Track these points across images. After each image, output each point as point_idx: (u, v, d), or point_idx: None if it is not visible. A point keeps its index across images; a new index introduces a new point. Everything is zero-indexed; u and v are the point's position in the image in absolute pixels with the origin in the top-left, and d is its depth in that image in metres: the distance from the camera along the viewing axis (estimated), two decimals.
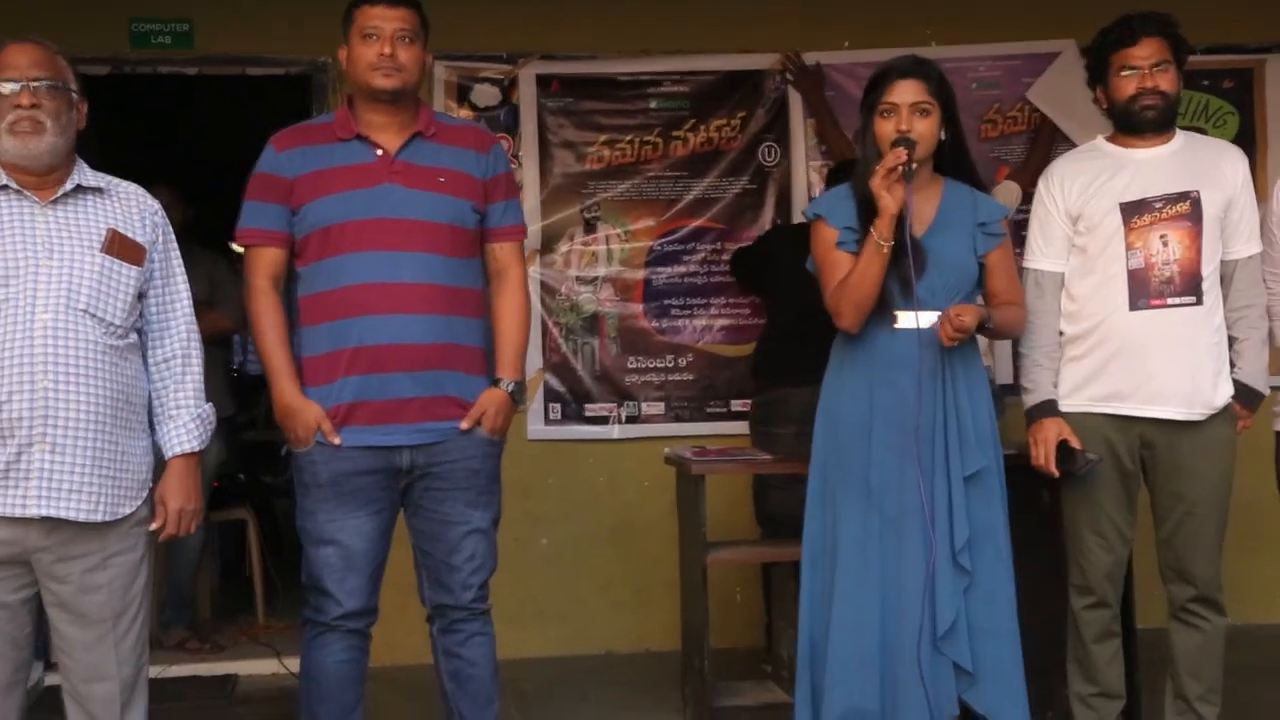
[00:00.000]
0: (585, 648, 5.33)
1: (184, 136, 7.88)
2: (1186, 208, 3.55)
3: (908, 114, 3.36)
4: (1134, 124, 3.61)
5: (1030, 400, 3.66)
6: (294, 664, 5.06)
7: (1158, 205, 3.56)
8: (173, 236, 3.11)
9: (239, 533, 6.26)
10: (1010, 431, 3.61)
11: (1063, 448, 3.58)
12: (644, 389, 5.35)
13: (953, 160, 3.47)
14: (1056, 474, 3.59)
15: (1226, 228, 3.60)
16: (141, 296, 3.02)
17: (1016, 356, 3.81)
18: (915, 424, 3.35)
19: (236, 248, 6.90)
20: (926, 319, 3.39)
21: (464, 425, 3.38)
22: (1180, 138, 3.67)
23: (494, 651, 3.54)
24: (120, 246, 2.96)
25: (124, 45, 5.18)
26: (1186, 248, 3.54)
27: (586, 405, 5.34)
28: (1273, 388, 5.47)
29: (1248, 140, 5.45)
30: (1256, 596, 5.24)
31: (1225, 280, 3.62)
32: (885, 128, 3.38)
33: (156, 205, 3.10)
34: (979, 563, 3.38)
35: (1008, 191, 4.87)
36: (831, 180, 4.99)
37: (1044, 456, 3.60)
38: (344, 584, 3.33)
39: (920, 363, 3.37)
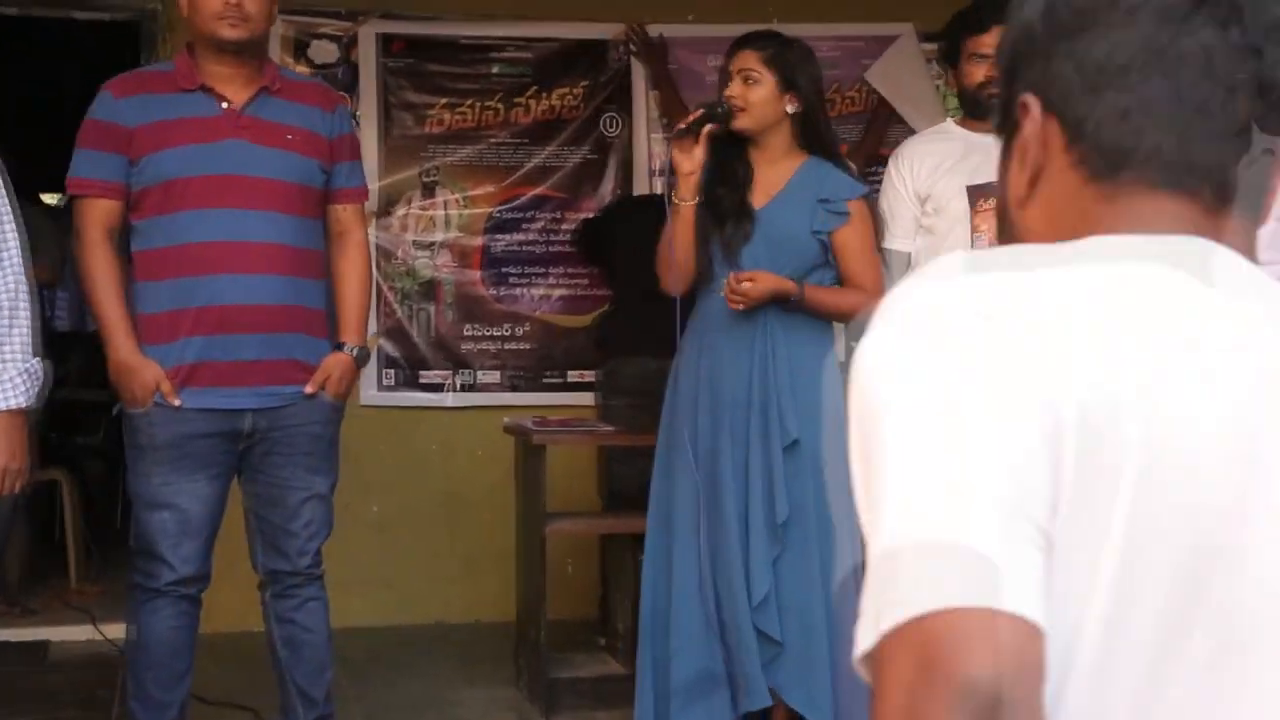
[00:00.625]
0: (415, 617, 5.28)
1: None
2: None
3: (736, 80, 3.41)
4: (980, 110, 3.67)
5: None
6: (110, 630, 4.94)
7: None
8: (4, 187, 2.95)
9: (49, 495, 6.05)
10: None
11: None
12: (480, 357, 5.31)
13: (803, 134, 3.46)
14: None
15: None
16: None
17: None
18: (728, 392, 3.38)
19: (47, 199, 6.65)
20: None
21: (309, 389, 3.32)
22: None
23: (328, 617, 3.50)
24: None
25: None
26: None
27: (421, 372, 5.28)
28: None
29: None
30: None
31: None
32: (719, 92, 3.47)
33: None
34: (789, 539, 3.37)
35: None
36: (607, 219, 5.02)
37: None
38: (179, 549, 3.24)
39: (739, 330, 3.38)
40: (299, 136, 3.31)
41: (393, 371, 5.28)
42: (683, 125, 3.39)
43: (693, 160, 3.37)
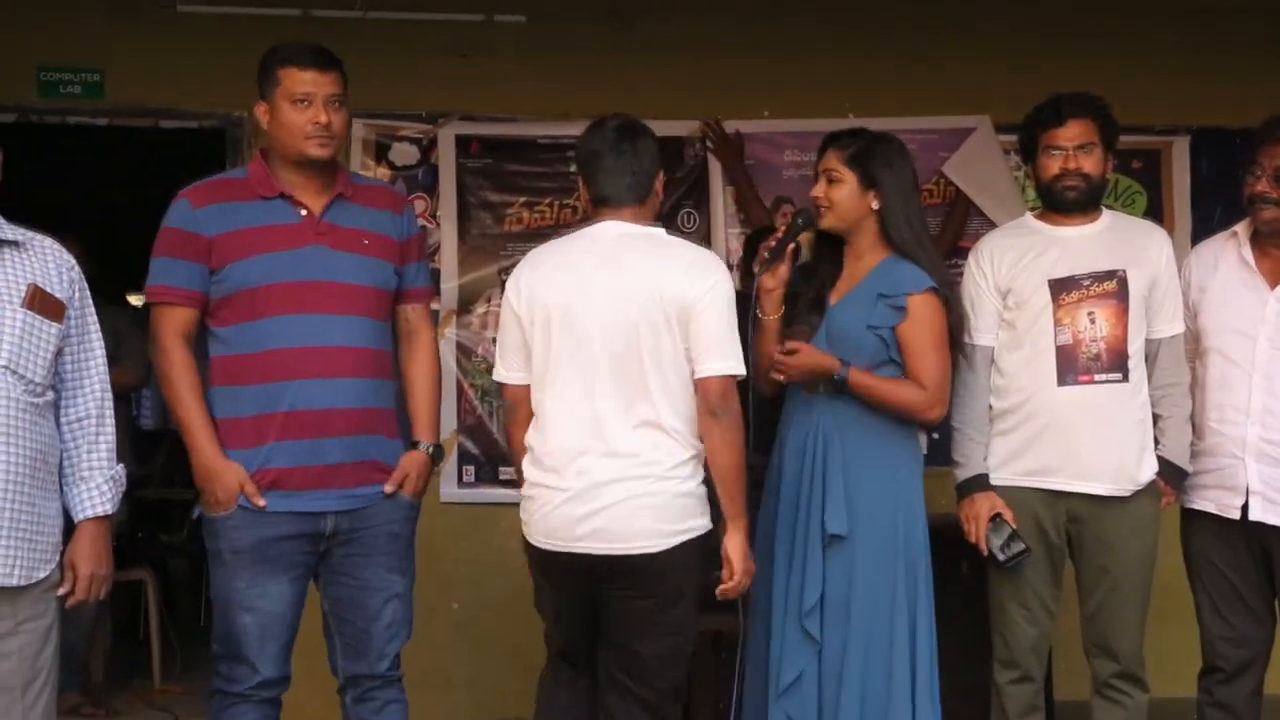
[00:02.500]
0: (492, 716, 5.24)
1: (80, 186, 7.74)
2: (1114, 286, 3.60)
3: (822, 180, 3.52)
4: (1056, 203, 3.68)
5: (961, 474, 3.68)
6: None
7: (1086, 283, 3.61)
8: (88, 292, 3.03)
9: (133, 593, 6.09)
10: (933, 501, 3.62)
11: (995, 521, 3.59)
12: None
13: (884, 231, 3.49)
14: (986, 552, 3.59)
15: (1151, 307, 3.65)
16: (56, 354, 2.92)
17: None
18: (785, 487, 3.48)
19: (134, 300, 6.73)
20: (809, 385, 3.47)
21: (388, 489, 3.35)
22: (1107, 217, 3.74)
23: (406, 718, 3.50)
24: (41, 302, 2.87)
25: (31, 94, 5.08)
26: (1113, 325, 3.58)
27: (501, 468, 5.26)
28: None
29: (1155, 219, 5.52)
30: (1165, 669, 5.25)
31: (1150, 359, 3.66)
32: (812, 192, 3.58)
33: (72, 260, 3.01)
34: (827, 634, 3.38)
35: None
36: (748, 245, 5.02)
37: (975, 534, 3.61)
38: (263, 652, 3.25)
39: (801, 427, 3.47)
40: (374, 241, 3.37)
41: (472, 468, 5.28)
42: (769, 249, 3.47)
43: (775, 278, 3.46)
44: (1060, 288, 3.62)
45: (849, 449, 3.42)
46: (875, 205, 3.48)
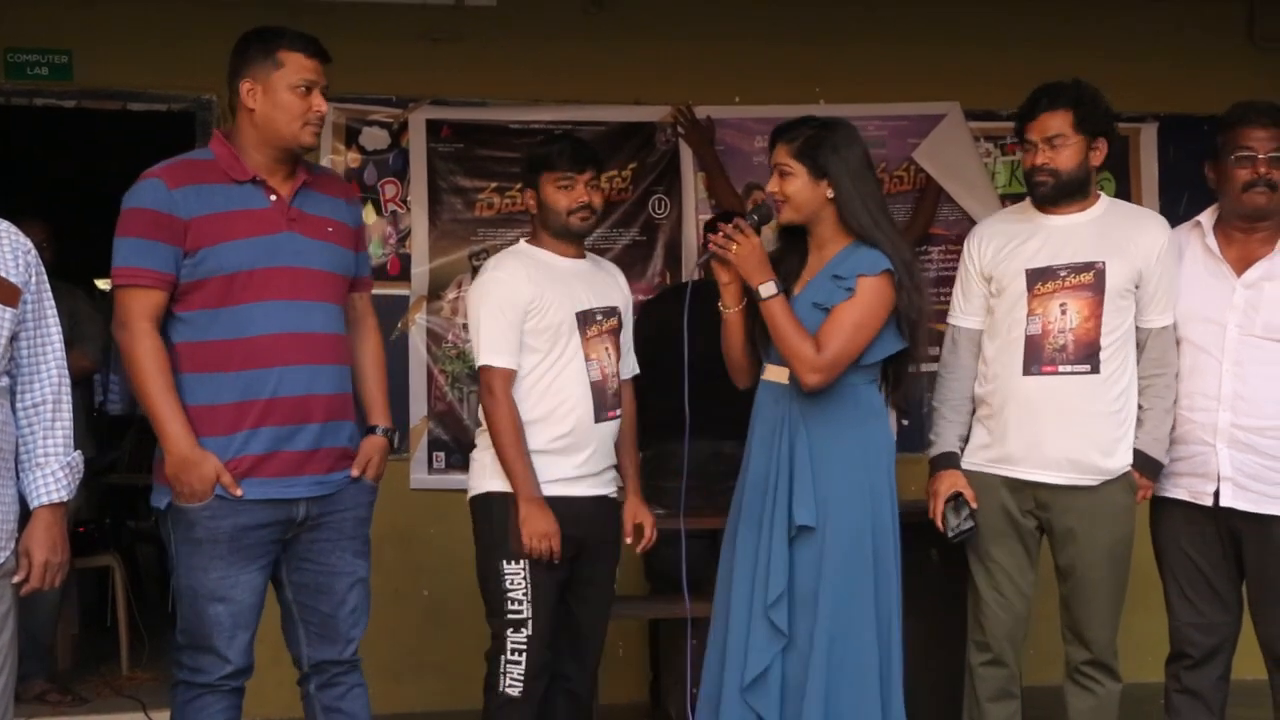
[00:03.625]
0: (465, 702, 5.18)
1: (47, 167, 7.69)
2: (1090, 278, 3.59)
3: (775, 175, 3.47)
4: (1032, 197, 3.70)
5: (932, 451, 3.72)
6: (161, 717, 4.92)
7: (1062, 273, 3.61)
8: (45, 276, 2.96)
9: (100, 580, 6.06)
10: (903, 487, 3.62)
11: (957, 499, 3.62)
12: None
13: (842, 218, 3.44)
14: (941, 529, 3.62)
15: (1141, 298, 3.63)
16: (12, 339, 2.87)
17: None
18: (750, 475, 3.45)
19: (101, 284, 6.67)
20: (778, 374, 3.45)
21: (354, 473, 3.35)
22: (1102, 205, 3.72)
23: (368, 702, 3.49)
24: None
25: None
26: (1085, 317, 3.59)
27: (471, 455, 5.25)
28: None
29: None
30: (1131, 655, 5.29)
31: (1140, 348, 3.66)
32: (767, 186, 3.53)
33: (29, 244, 2.94)
34: (796, 625, 3.36)
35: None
36: (708, 231, 5.00)
37: (934, 510, 3.65)
38: (234, 642, 3.22)
39: (769, 416, 3.46)
40: (337, 229, 3.37)
41: (442, 454, 5.28)
42: (713, 247, 3.43)
43: (729, 272, 3.43)
44: (1037, 277, 3.63)
45: (816, 439, 3.40)
46: (829, 194, 3.42)
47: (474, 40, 5.28)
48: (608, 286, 3.82)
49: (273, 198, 3.27)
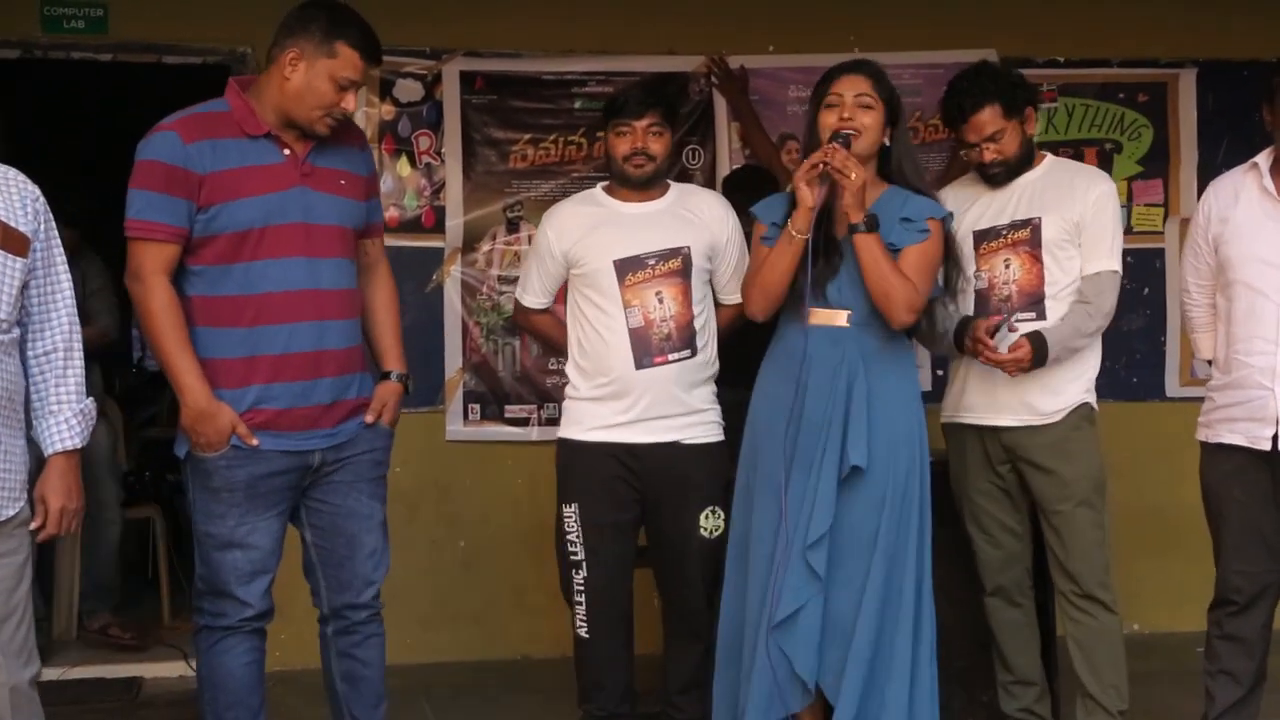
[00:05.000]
0: (500, 652, 5.29)
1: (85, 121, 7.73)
2: (1027, 233, 3.79)
3: (852, 104, 3.44)
4: (988, 180, 3.88)
5: (953, 328, 3.82)
6: None
7: (1004, 232, 3.82)
8: (54, 224, 2.95)
9: (140, 531, 6.12)
10: (933, 439, 3.66)
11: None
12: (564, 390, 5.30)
13: (897, 166, 3.52)
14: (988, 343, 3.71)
15: (1081, 247, 3.80)
16: (23, 289, 2.87)
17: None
18: (806, 420, 3.41)
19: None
20: (836, 317, 3.46)
21: (369, 419, 3.40)
22: (1046, 164, 3.92)
23: (384, 652, 3.53)
24: (4, 237, 2.80)
25: (35, 29, 5.03)
26: (1027, 270, 3.79)
27: (506, 406, 5.29)
28: (1191, 399, 5.60)
29: (1161, 153, 5.56)
30: (1168, 603, 5.33)
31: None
32: (829, 118, 3.47)
33: (37, 191, 2.93)
34: (849, 565, 3.37)
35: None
36: (728, 187, 4.98)
37: (974, 342, 3.73)
38: (252, 586, 3.27)
39: (824, 360, 3.43)
40: (349, 181, 3.37)
41: (478, 406, 5.29)
42: (819, 162, 3.36)
43: (815, 195, 3.38)
44: (982, 238, 3.85)
45: (876, 380, 3.43)
46: (887, 140, 3.50)
47: None
48: (678, 226, 3.79)
49: (286, 152, 3.28)
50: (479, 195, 5.29)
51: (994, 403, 3.82)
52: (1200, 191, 5.32)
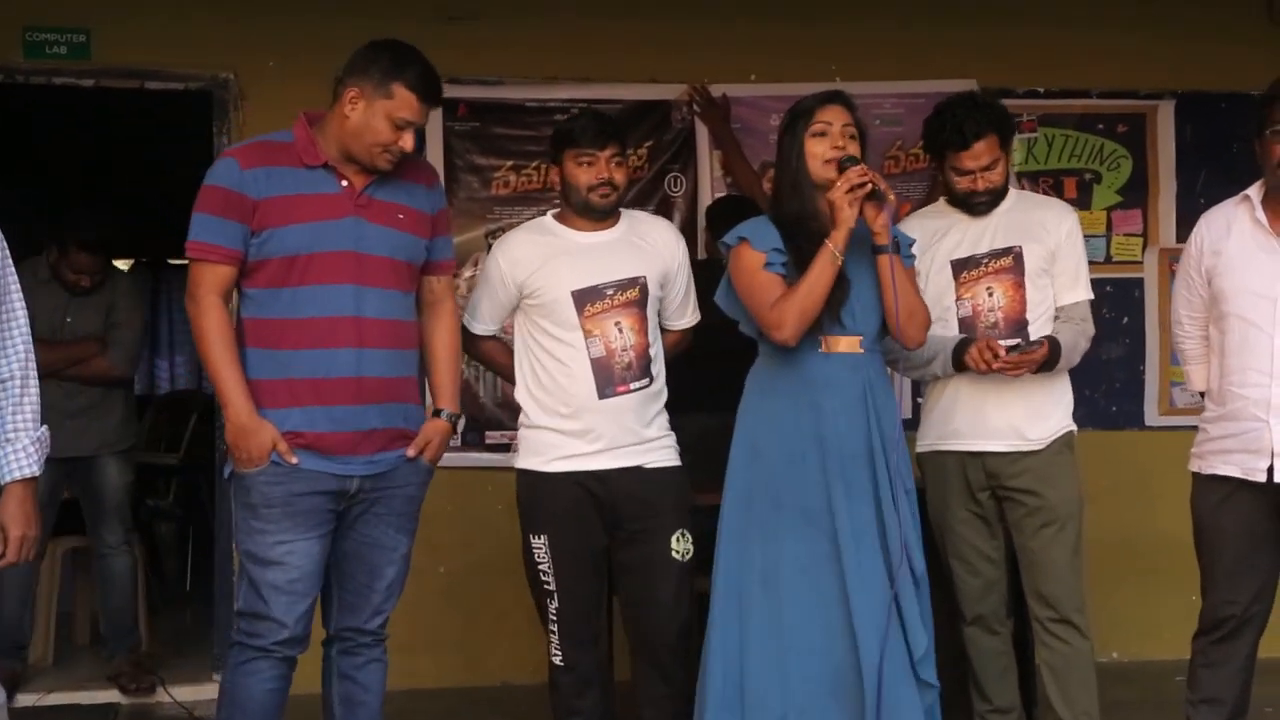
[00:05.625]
0: (481, 679, 5.29)
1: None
2: (1010, 261, 3.86)
3: (840, 133, 3.47)
4: (967, 209, 3.91)
5: (949, 347, 3.83)
6: (179, 692, 4.99)
7: (984, 260, 3.87)
8: (7, 251, 2.94)
9: None
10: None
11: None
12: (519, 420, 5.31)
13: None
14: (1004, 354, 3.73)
15: (1055, 278, 3.89)
16: None
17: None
18: (843, 447, 3.41)
19: (120, 264, 6.66)
20: (852, 343, 3.47)
21: (410, 453, 3.44)
22: (1011, 197, 3.96)
23: (385, 680, 3.56)
24: None
25: (17, 55, 5.06)
26: (1010, 297, 3.86)
27: (488, 433, 5.32)
28: (1170, 428, 5.64)
29: (1140, 184, 5.62)
30: (1147, 632, 5.36)
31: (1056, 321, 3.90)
32: (818, 147, 3.46)
33: None
34: (921, 581, 3.45)
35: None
36: (711, 216, 5.05)
37: (985, 349, 3.73)
38: (291, 608, 3.31)
39: (847, 386, 3.45)
40: (409, 216, 3.43)
41: (459, 433, 5.30)
42: (862, 181, 3.35)
43: (852, 212, 3.38)
44: (961, 266, 3.88)
45: (884, 404, 3.48)
46: None
47: (490, 19, 5.29)
48: (633, 256, 3.78)
49: (344, 183, 3.36)
50: (461, 221, 5.30)
51: (982, 427, 3.84)
52: (1179, 222, 5.50)
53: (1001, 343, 3.75)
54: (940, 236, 3.90)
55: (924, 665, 3.38)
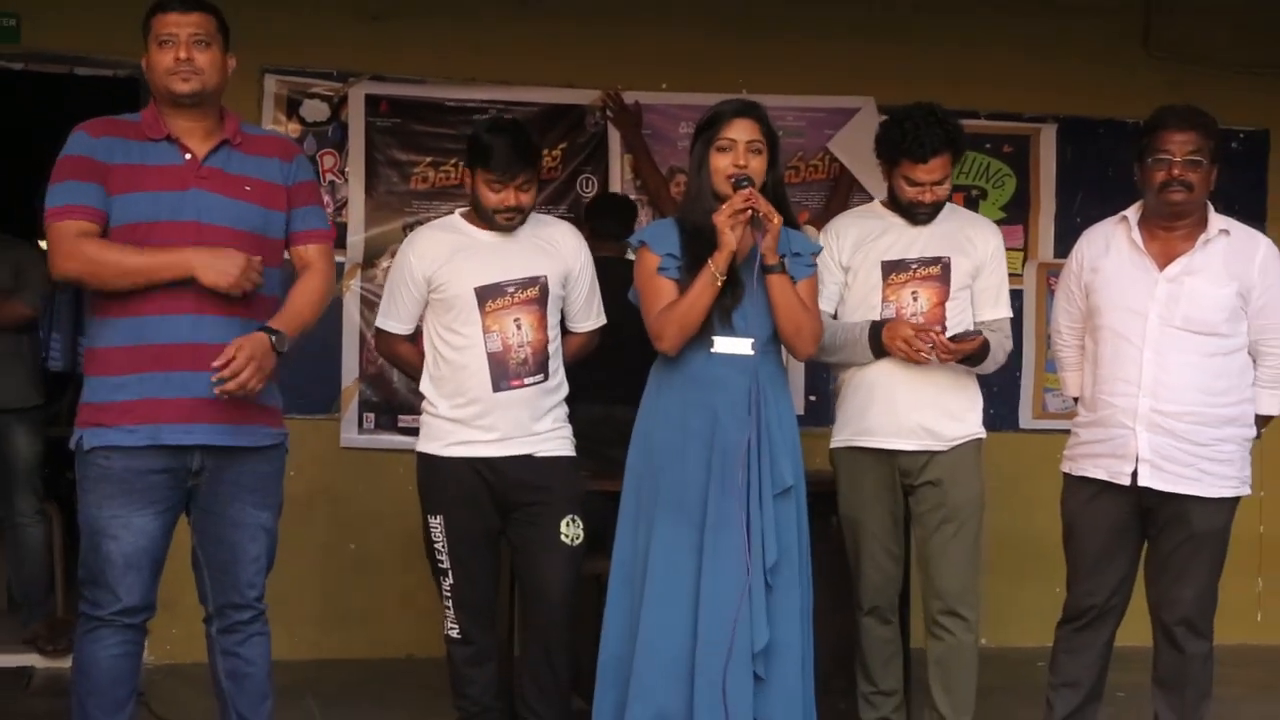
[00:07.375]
0: (386, 651, 5.42)
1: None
2: (938, 270, 3.97)
3: (744, 151, 3.54)
4: (910, 217, 4.02)
5: (858, 332, 3.95)
6: None
7: (914, 265, 3.98)
8: None
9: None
10: (809, 459, 3.82)
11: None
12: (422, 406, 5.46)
13: (774, 200, 3.57)
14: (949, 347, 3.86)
15: (976, 294, 4.03)
16: None
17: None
18: (725, 444, 3.51)
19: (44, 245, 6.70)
20: (742, 345, 3.56)
21: (215, 363, 3.24)
22: (947, 209, 4.07)
23: (269, 650, 3.55)
24: None
25: None
26: (934, 304, 3.97)
27: (400, 416, 5.44)
28: (1042, 430, 5.82)
29: (1023, 201, 5.87)
30: (1014, 620, 5.59)
31: None
32: (721, 161, 3.55)
33: None
34: (776, 580, 3.52)
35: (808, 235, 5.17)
36: (590, 213, 5.23)
37: (909, 340, 3.86)
38: (125, 579, 3.29)
39: (734, 386, 3.55)
40: (257, 188, 3.42)
41: (373, 415, 5.47)
42: (745, 207, 3.44)
43: (738, 238, 3.48)
44: (891, 269, 3.98)
45: (774, 405, 3.57)
46: (768, 180, 3.59)
47: (413, 19, 5.42)
48: (535, 256, 3.87)
49: (186, 156, 3.36)
50: (380, 214, 5.47)
51: (896, 426, 3.93)
52: (1057, 238, 5.77)
53: (909, 323, 3.86)
54: (875, 237, 3.99)
55: (759, 660, 3.46)
